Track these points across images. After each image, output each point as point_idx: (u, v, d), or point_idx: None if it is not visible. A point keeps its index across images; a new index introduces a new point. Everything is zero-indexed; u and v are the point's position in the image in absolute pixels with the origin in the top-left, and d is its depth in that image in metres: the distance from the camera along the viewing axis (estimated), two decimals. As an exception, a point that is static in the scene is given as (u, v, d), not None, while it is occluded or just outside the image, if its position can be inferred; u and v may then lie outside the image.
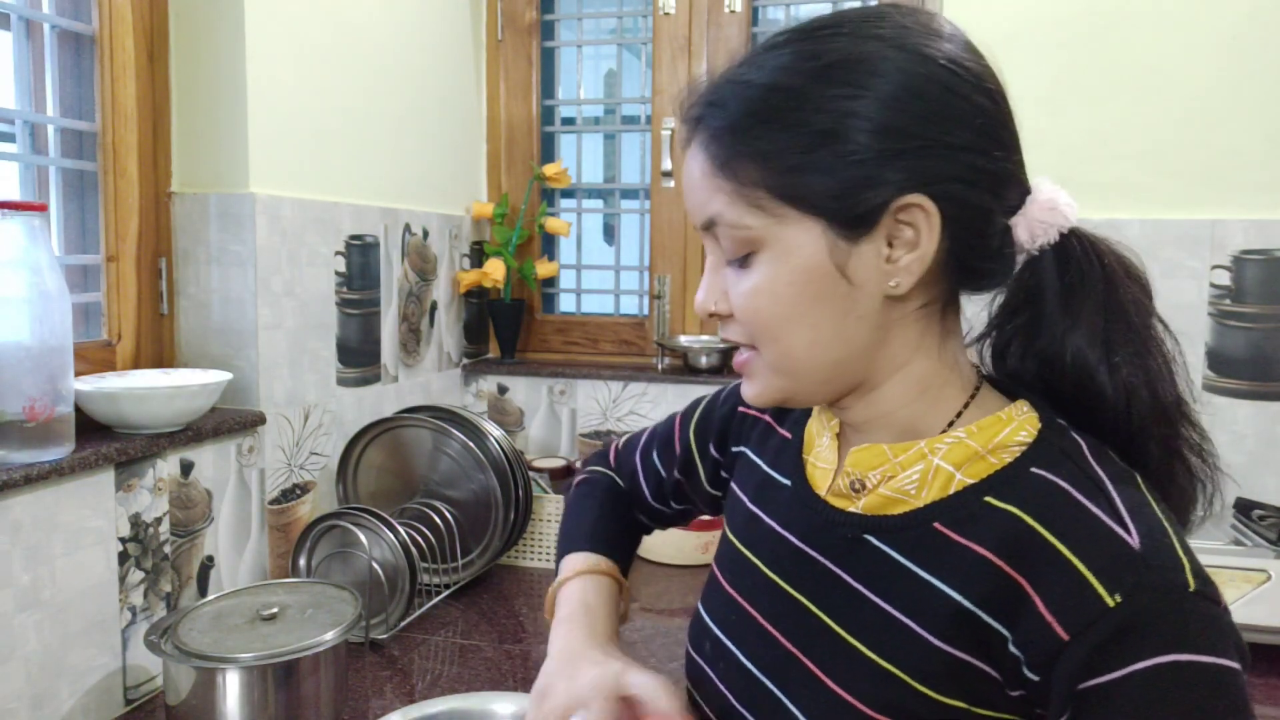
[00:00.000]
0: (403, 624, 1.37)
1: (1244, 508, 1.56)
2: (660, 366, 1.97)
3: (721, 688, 0.71)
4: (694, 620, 0.78)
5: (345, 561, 1.38)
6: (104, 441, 1.12)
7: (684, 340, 2.01)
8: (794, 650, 0.65)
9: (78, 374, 1.13)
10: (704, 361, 1.93)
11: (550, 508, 1.69)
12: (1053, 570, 0.54)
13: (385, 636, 1.34)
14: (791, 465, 0.72)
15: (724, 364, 1.92)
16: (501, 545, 1.57)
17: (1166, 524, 0.55)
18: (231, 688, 1.00)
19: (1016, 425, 0.61)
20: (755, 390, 0.65)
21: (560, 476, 1.88)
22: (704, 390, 0.93)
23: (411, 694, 1.19)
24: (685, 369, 1.96)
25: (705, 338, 2.00)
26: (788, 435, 0.76)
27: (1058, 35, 1.67)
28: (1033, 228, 0.61)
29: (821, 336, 0.60)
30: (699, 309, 0.65)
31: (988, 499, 0.59)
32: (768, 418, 0.80)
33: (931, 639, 0.58)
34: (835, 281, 0.59)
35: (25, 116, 1.19)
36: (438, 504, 1.54)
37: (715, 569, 0.77)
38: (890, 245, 0.59)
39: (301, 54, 1.45)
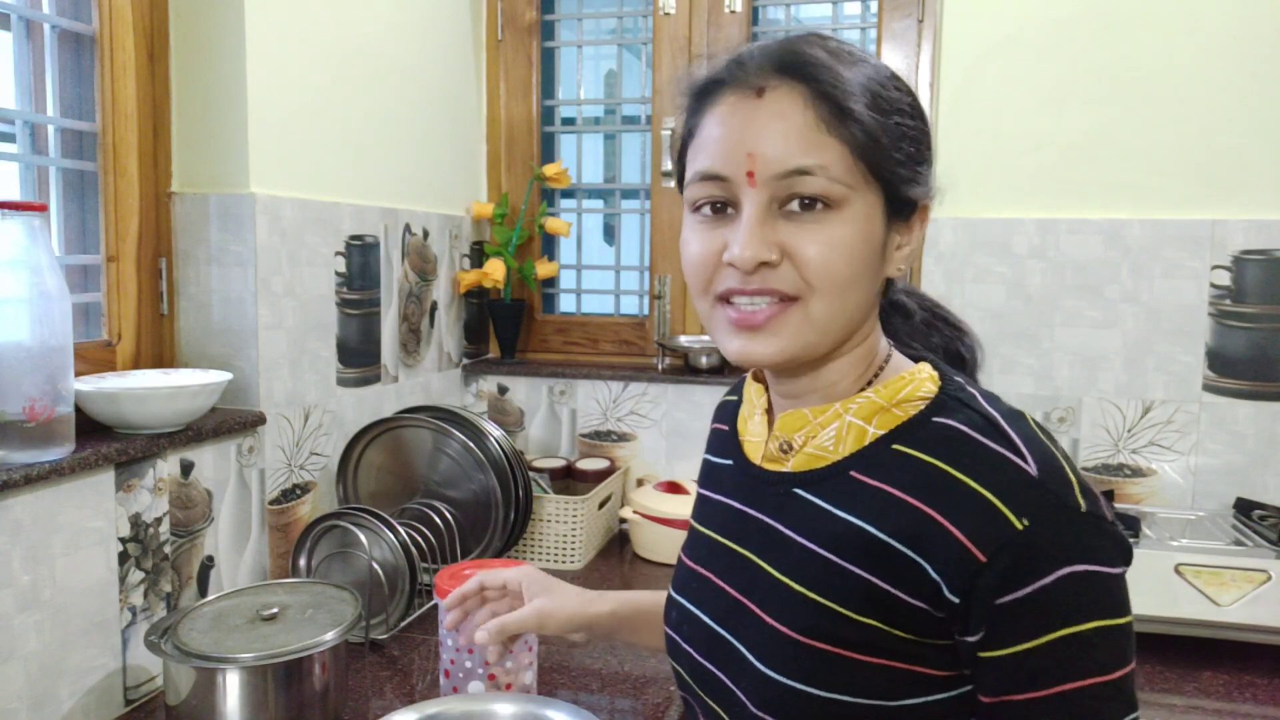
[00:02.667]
0: (403, 624, 1.37)
1: (1244, 508, 1.56)
2: (661, 366, 1.97)
3: (687, 647, 0.78)
4: (666, 600, 0.85)
5: (345, 561, 1.38)
6: (104, 441, 1.13)
7: (684, 340, 2.00)
8: (739, 597, 0.74)
9: (78, 374, 1.13)
10: (704, 361, 1.92)
11: (550, 508, 1.69)
12: (966, 502, 0.62)
13: (385, 636, 1.34)
14: (731, 448, 0.83)
15: (724, 364, 1.91)
16: (502, 545, 1.57)
17: (1054, 451, 0.64)
18: (231, 688, 1.00)
19: (918, 383, 0.70)
20: (778, 345, 0.67)
21: (560, 476, 1.88)
22: (703, 390, 0.98)
23: (411, 694, 1.19)
24: (686, 369, 1.95)
25: (706, 338, 1.99)
26: (725, 429, 0.86)
27: (1058, 36, 1.67)
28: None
29: (863, 300, 0.69)
30: (749, 259, 0.65)
31: (895, 446, 0.68)
32: (721, 425, 0.88)
33: (849, 566, 0.66)
34: (877, 254, 0.69)
35: (25, 116, 1.19)
36: (438, 504, 1.54)
37: (681, 553, 0.86)
38: (899, 234, 0.70)
39: (301, 54, 1.45)
